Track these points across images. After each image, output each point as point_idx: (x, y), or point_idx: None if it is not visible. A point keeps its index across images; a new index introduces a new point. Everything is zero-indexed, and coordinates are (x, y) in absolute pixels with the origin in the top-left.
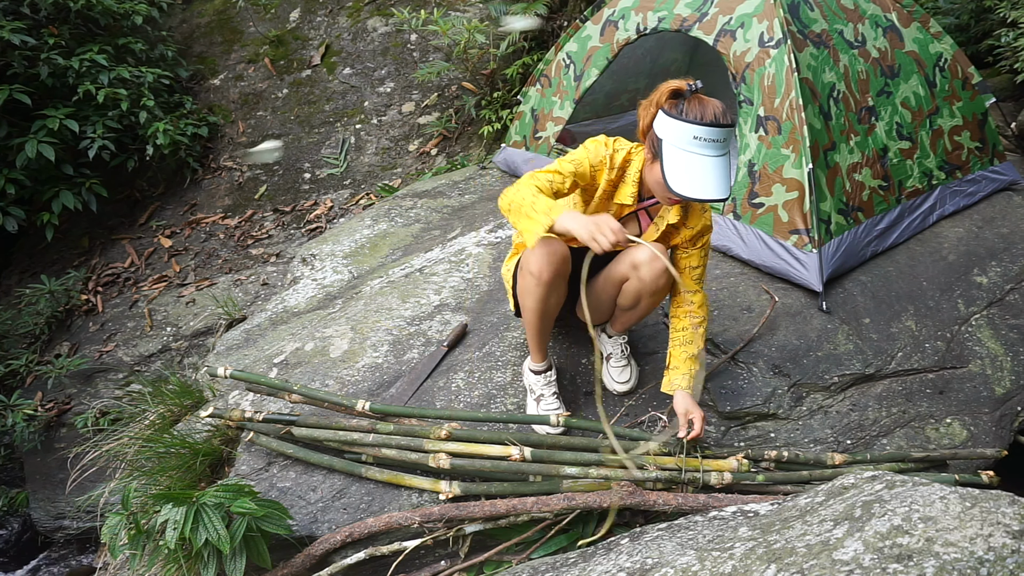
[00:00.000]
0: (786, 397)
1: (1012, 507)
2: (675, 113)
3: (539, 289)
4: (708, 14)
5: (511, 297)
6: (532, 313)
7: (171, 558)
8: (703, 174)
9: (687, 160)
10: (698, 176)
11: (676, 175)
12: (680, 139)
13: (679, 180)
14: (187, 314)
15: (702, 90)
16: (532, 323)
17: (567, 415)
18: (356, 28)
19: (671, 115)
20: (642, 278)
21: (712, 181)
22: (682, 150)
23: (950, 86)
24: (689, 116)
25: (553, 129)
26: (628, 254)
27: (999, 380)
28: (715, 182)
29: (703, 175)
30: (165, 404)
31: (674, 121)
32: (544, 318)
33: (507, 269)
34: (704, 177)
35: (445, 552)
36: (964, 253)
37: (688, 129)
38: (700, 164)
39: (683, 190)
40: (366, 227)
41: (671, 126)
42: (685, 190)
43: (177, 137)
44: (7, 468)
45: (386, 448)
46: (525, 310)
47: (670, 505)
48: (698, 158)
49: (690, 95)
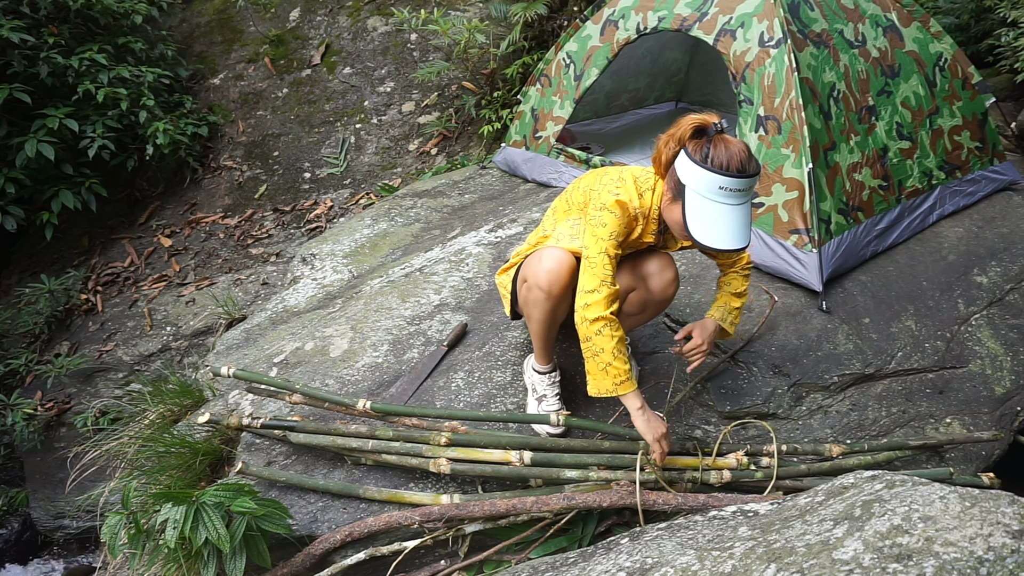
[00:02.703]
0: (786, 397)
1: (1012, 507)
2: (699, 159)
3: (548, 303)
4: (708, 14)
5: (507, 304)
6: (540, 324)
7: (171, 557)
8: (726, 224)
9: (711, 209)
10: (721, 226)
11: (699, 224)
12: (704, 187)
13: (702, 230)
14: (187, 314)
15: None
16: (540, 332)
17: (567, 414)
18: (356, 28)
19: (695, 161)
20: (650, 289)
21: (734, 231)
22: (706, 199)
23: (950, 86)
24: (715, 164)
25: (553, 128)
26: (636, 263)
27: (999, 380)
28: (737, 232)
29: (726, 225)
30: (165, 404)
31: (699, 168)
32: (553, 327)
33: (504, 279)
34: (727, 227)
35: (445, 551)
36: (964, 253)
37: (714, 179)
38: (724, 214)
39: (705, 240)
40: (366, 227)
41: (695, 173)
42: (707, 240)
43: (177, 137)
44: (7, 467)
45: (386, 454)
46: (532, 320)
47: (670, 505)
48: (722, 207)
49: (714, 134)
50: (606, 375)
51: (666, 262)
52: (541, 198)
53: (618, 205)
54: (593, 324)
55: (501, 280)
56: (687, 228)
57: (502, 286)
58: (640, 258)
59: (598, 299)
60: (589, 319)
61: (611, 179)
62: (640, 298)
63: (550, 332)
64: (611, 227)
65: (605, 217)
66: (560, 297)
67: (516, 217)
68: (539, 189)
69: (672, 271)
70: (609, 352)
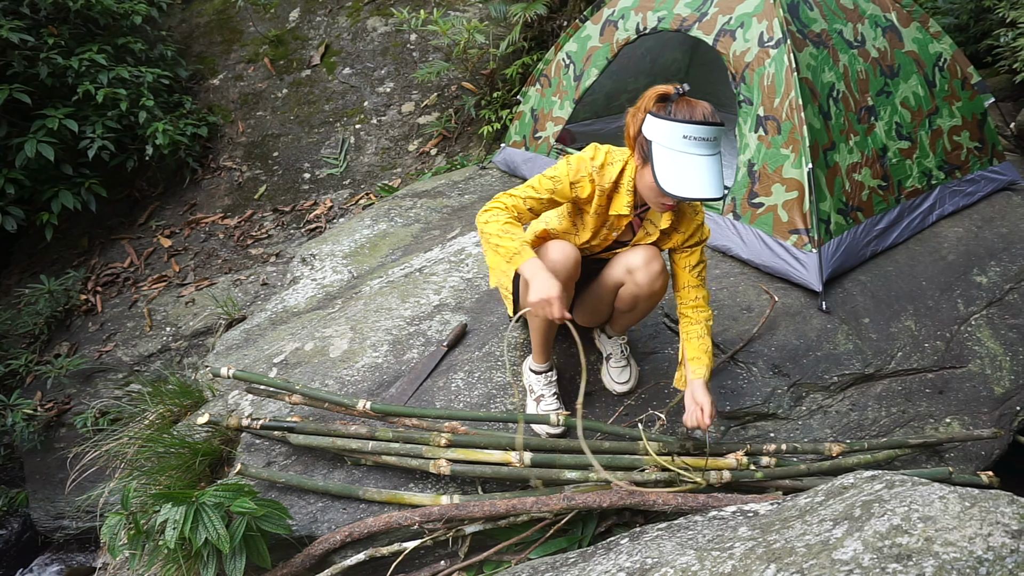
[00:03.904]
0: (786, 397)
1: (1011, 507)
2: (663, 115)
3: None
4: (708, 14)
5: (510, 304)
6: (541, 319)
7: (171, 558)
8: (695, 173)
9: (678, 160)
10: (690, 176)
11: (667, 176)
12: (669, 139)
13: (671, 180)
14: (187, 314)
15: (690, 93)
16: (539, 328)
17: (567, 414)
18: (356, 28)
19: (659, 116)
20: (638, 283)
21: (705, 180)
22: (672, 150)
23: (949, 86)
24: (677, 116)
25: (553, 129)
26: (622, 258)
27: (998, 380)
28: (708, 181)
29: (695, 174)
30: (165, 404)
31: (662, 122)
32: (553, 323)
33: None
34: (696, 176)
35: (445, 552)
36: (963, 253)
37: (677, 128)
38: (692, 164)
39: (675, 190)
40: (366, 227)
41: (659, 127)
42: (677, 190)
43: (177, 137)
44: (7, 468)
45: (386, 455)
46: (533, 316)
47: (670, 505)
48: (689, 157)
49: (677, 97)
50: (498, 255)
51: (652, 255)
52: None
53: (577, 159)
54: (483, 217)
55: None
56: (657, 182)
57: (503, 287)
58: (626, 252)
59: (489, 205)
60: (480, 219)
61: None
62: (630, 293)
63: (550, 328)
64: (557, 174)
65: (559, 165)
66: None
67: None
68: None
69: (659, 264)
70: (495, 234)
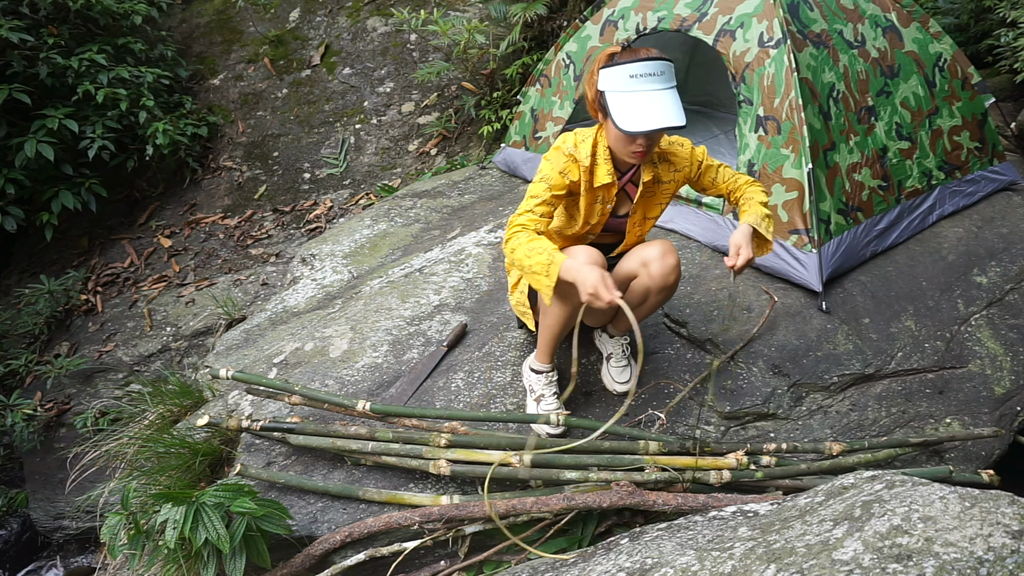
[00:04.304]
0: (786, 397)
1: (1012, 507)
2: (610, 64)
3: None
4: (708, 14)
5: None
6: (557, 322)
7: (171, 558)
8: (649, 107)
9: (630, 99)
10: (645, 110)
11: (624, 115)
12: (618, 83)
13: (627, 118)
14: (187, 314)
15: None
16: (553, 328)
17: (567, 414)
18: (356, 28)
19: (607, 66)
20: (652, 275)
21: (661, 111)
22: (623, 92)
23: (950, 86)
24: (622, 60)
25: (553, 129)
26: (637, 251)
27: (999, 380)
28: (664, 111)
29: (649, 108)
30: (165, 404)
31: (610, 69)
32: (567, 327)
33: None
34: (651, 109)
35: (445, 552)
36: (964, 253)
37: (624, 70)
38: (644, 99)
39: (634, 126)
40: (366, 227)
41: (609, 75)
42: (635, 125)
43: (177, 137)
44: (7, 468)
45: (386, 456)
46: (550, 316)
47: (670, 505)
48: (640, 94)
49: (623, 50)
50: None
51: (667, 248)
52: None
53: (552, 151)
54: (508, 247)
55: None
56: (616, 125)
57: (519, 304)
58: (642, 247)
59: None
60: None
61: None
62: (643, 285)
63: (563, 331)
64: (545, 171)
65: (543, 164)
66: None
67: None
68: None
69: (674, 258)
70: (524, 257)
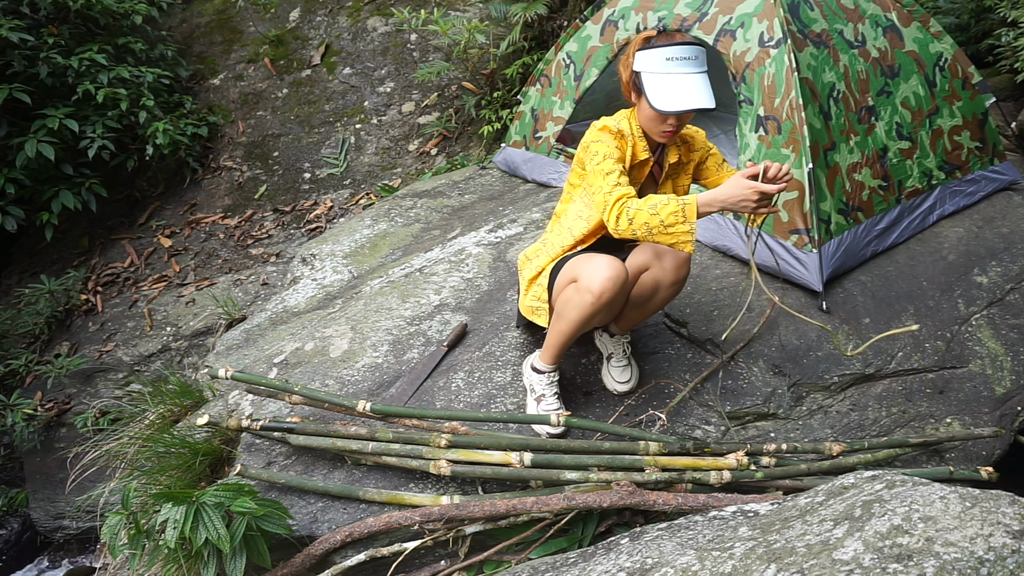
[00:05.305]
0: (786, 397)
1: (1012, 507)
2: (647, 47)
3: (593, 307)
4: (708, 14)
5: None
6: (572, 325)
7: (171, 558)
8: (683, 88)
9: (665, 80)
10: (679, 91)
11: (658, 95)
12: (655, 64)
13: (662, 98)
14: (187, 314)
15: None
16: (566, 333)
17: (567, 415)
18: (356, 28)
19: (644, 49)
20: (664, 267)
21: (693, 93)
22: (659, 73)
23: (950, 86)
24: (659, 42)
25: (553, 129)
26: (650, 245)
27: (999, 380)
28: (697, 93)
29: (683, 89)
30: (165, 404)
31: (647, 52)
32: (580, 332)
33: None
34: (684, 91)
35: (445, 552)
36: (964, 253)
37: (660, 52)
38: (678, 81)
39: (668, 106)
40: (366, 227)
41: (645, 57)
42: (670, 105)
43: (177, 137)
44: (7, 468)
45: (386, 456)
46: (563, 320)
47: (670, 505)
48: (676, 76)
49: (659, 34)
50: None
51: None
52: (541, 198)
53: (602, 131)
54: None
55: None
56: (651, 104)
57: (536, 299)
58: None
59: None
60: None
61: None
62: (653, 278)
63: (575, 335)
64: (603, 151)
65: (594, 147)
66: (608, 305)
67: (516, 217)
68: (539, 189)
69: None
70: (649, 216)
